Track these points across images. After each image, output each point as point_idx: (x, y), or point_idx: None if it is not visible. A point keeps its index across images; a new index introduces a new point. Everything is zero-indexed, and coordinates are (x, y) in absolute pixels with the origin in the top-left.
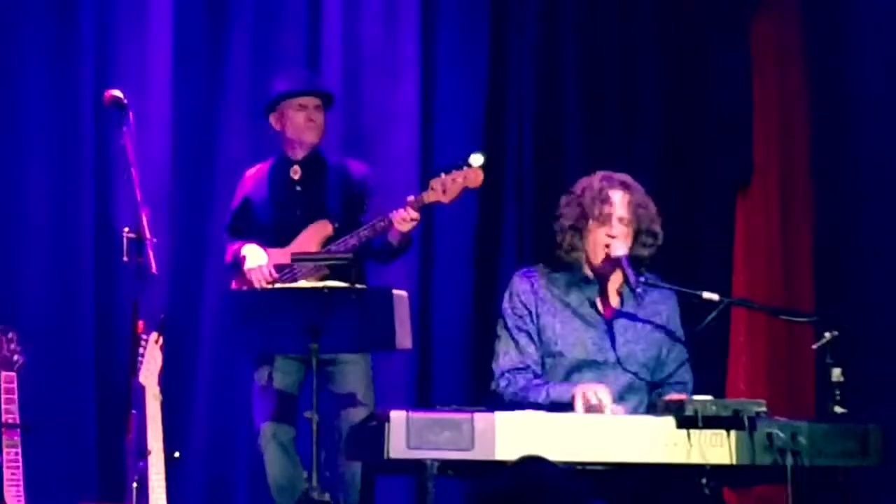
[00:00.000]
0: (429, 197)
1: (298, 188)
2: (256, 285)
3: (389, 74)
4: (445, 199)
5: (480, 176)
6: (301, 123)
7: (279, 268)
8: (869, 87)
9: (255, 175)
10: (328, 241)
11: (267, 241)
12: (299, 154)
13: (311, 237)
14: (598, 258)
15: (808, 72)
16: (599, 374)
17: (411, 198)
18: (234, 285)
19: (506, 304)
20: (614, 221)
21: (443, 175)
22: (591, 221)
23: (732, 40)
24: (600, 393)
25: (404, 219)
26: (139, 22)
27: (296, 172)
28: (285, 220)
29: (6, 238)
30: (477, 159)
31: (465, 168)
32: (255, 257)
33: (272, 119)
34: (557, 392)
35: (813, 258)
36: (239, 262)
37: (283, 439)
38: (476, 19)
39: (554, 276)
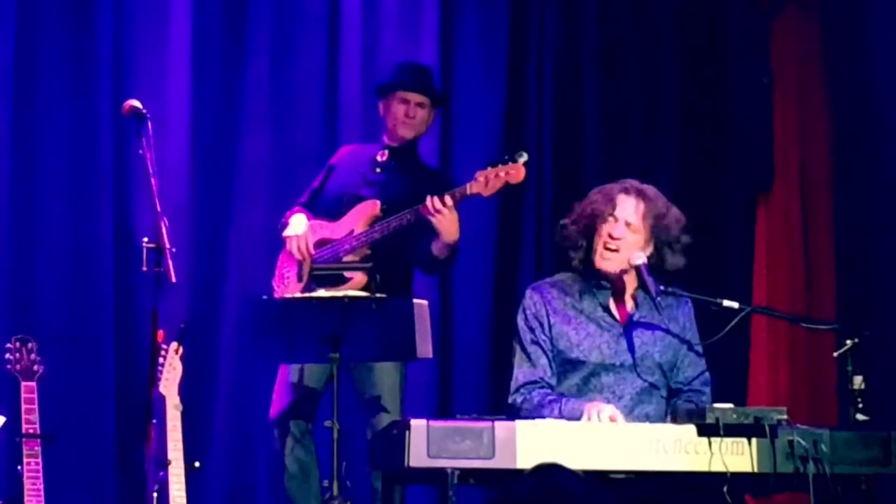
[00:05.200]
0: (471, 188)
1: (378, 169)
2: (290, 251)
3: None
4: (486, 193)
5: (522, 172)
6: (399, 116)
7: (323, 242)
8: (890, 90)
9: (350, 149)
10: (375, 221)
11: (328, 212)
12: (393, 143)
13: (360, 215)
14: (598, 256)
15: (828, 76)
16: (617, 378)
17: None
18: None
19: (519, 319)
20: (621, 224)
21: (489, 168)
22: (599, 224)
23: (752, 46)
24: (612, 414)
25: (428, 207)
26: (157, 30)
27: (383, 155)
28: (355, 195)
29: (27, 248)
30: (523, 156)
31: (510, 163)
32: (296, 226)
33: (381, 105)
34: (569, 409)
35: (835, 265)
36: (283, 225)
37: (297, 430)
38: (495, 27)
39: (567, 284)
